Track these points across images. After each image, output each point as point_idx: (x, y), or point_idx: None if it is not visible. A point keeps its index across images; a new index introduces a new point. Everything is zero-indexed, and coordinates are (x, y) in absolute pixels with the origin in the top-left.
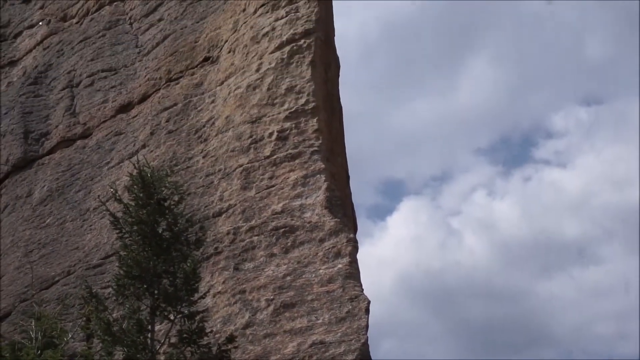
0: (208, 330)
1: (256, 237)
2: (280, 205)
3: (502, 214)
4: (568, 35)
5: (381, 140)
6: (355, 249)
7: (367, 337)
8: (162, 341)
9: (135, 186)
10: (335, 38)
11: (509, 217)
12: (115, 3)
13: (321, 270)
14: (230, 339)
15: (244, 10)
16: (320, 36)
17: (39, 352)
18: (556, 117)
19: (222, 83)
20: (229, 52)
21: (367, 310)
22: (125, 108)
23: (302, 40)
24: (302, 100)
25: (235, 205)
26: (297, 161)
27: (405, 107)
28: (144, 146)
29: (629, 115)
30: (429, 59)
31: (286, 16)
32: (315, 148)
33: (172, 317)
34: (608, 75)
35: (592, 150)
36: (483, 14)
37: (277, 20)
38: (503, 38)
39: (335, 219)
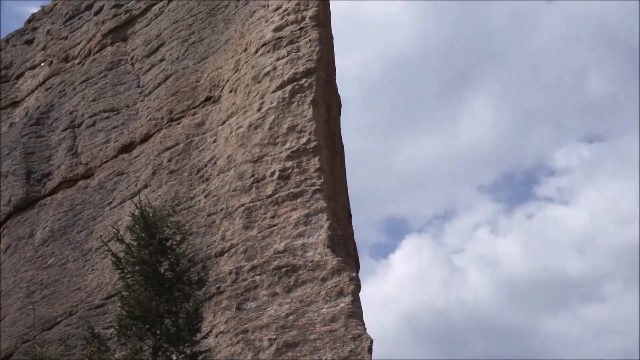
0: None
1: (258, 277)
2: (283, 244)
3: (506, 251)
4: (569, 73)
5: (383, 178)
6: (357, 287)
7: None
8: None
9: (137, 226)
10: (336, 77)
11: (513, 255)
12: (117, 44)
13: (324, 310)
14: None
15: (245, 50)
16: (322, 75)
17: None
18: (558, 154)
19: (223, 122)
20: (231, 91)
21: (370, 350)
22: (127, 148)
23: (304, 80)
24: (304, 140)
25: (237, 244)
26: (299, 200)
27: (408, 145)
28: (145, 186)
29: (631, 151)
30: (431, 97)
31: (287, 56)
32: (317, 187)
33: (174, 358)
34: (609, 112)
35: (595, 187)
36: (484, 52)
37: (278, 59)
38: (504, 76)
39: (338, 258)
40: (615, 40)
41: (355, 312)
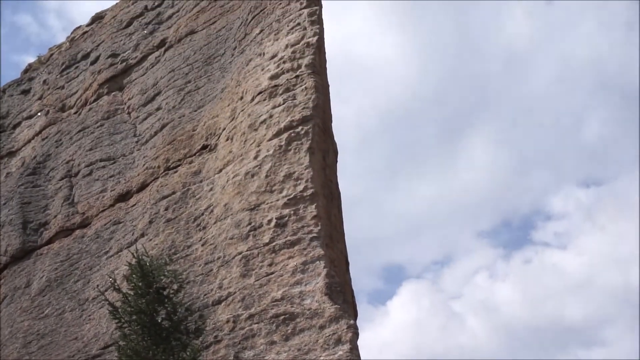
0: None
1: (256, 325)
2: (280, 292)
3: (504, 296)
4: (566, 116)
5: (381, 225)
6: (355, 335)
7: None
8: None
9: (134, 275)
10: (333, 124)
11: (511, 300)
12: (113, 93)
13: (322, 358)
14: None
15: (242, 98)
16: (318, 123)
17: None
18: (555, 199)
19: (220, 171)
20: (227, 139)
21: None
22: (123, 197)
23: (300, 127)
24: (301, 187)
25: (235, 293)
26: (296, 248)
27: (405, 191)
28: (142, 235)
29: (629, 195)
30: (428, 142)
31: (284, 103)
32: (314, 234)
33: None
34: (607, 156)
35: (593, 231)
36: (480, 97)
37: (274, 107)
38: (501, 120)
39: (335, 306)
40: (613, 83)
41: None
